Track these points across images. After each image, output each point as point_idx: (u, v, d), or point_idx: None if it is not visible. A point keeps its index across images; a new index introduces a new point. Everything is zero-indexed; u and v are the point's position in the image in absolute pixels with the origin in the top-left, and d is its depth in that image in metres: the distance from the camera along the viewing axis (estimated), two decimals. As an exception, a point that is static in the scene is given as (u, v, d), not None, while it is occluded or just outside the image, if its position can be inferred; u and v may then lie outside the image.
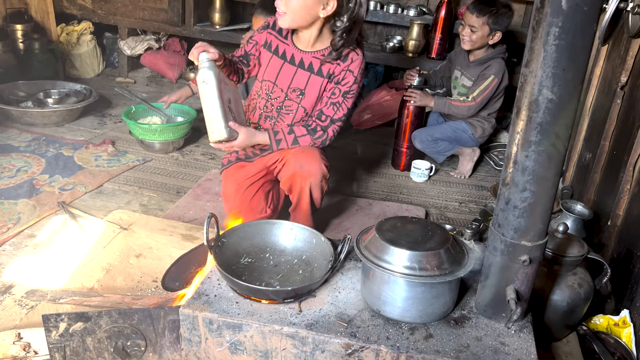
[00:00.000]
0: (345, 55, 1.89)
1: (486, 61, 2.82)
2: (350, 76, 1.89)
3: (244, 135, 1.80)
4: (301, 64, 1.93)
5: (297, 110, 1.97)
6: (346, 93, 1.91)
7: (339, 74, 1.90)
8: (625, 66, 1.98)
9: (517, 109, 1.08)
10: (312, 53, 1.91)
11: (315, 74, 1.92)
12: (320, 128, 1.91)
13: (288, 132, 1.90)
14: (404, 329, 1.25)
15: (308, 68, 1.92)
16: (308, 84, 1.93)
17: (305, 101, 1.95)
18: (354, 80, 1.90)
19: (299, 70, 1.94)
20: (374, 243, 1.27)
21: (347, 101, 1.92)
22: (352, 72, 1.89)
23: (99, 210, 2.25)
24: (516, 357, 1.18)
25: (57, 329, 1.30)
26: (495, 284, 1.25)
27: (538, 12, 0.99)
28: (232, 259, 1.43)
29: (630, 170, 1.76)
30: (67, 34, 3.91)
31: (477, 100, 2.78)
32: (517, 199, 1.14)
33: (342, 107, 1.92)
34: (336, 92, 1.91)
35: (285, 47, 1.96)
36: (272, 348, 1.26)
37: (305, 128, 1.92)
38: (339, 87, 1.91)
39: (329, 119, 1.92)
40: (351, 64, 1.88)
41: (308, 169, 1.87)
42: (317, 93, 1.94)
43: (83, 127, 3.13)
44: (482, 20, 2.70)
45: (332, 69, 1.90)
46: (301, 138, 1.90)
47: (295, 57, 1.94)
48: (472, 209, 2.62)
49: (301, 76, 1.94)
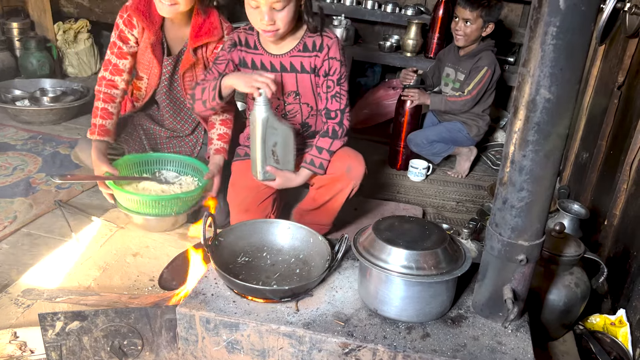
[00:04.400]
0: (320, 45, 1.85)
1: (477, 54, 2.84)
2: (335, 62, 1.86)
3: (280, 180, 1.85)
4: (283, 68, 1.90)
5: (302, 110, 1.97)
6: (339, 80, 1.89)
7: (322, 65, 1.87)
8: (622, 66, 1.99)
9: (515, 109, 1.08)
10: (288, 53, 1.88)
11: (301, 72, 1.90)
12: (338, 126, 1.90)
13: (319, 152, 1.89)
14: (401, 328, 1.25)
15: (291, 69, 1.89)
16: (298, 84, 1.92)
17: (303, 99, 1.95)
18: (340, 64, 1.87)
19: (284, 75, 1.91)
20: (371, 242, 1.27)
21: (343, 86, 1.90)
22: (334, 59, 1.86)
23: (95, 208, 2.24)
24: (513, 356, 1.18)
25: (54, 328, 1.30)
26: (492, 283, 1.25)
27: (536, 11, 0.99)
28: (229, 258, 1.43)
29: (627, 169, 1.76)
30: (64, 32, 3.90)
31: (473, 94, 2.80)
32: (514, 198, 1.14)
33: (342, 94, 1.90)
34: (330, 85, 1.89)
35: (260, 57, 1.90)
36: (269, 347, 1.26)
37: (327, 136, 1.90)
38: (330, 78, 1.88)
39: (338, 113, 1.90)
40: (329, 50, 1.85)
41: (355, 174, 1.89)
42: (310, 88, 1.92)
43: (80, 126, 3.12)
44: (476, 13, 2.75)
45: (313, 62, 1.87)
46: (331, 146, 1.90)
47: (274, 63, 1.90)
48: (469, 209, 2.62)
49: (289, 79, 1.91)
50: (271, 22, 1.72)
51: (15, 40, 3.66)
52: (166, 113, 2.26)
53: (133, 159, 2.15)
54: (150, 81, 2.18)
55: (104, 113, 2.06)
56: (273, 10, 1.71)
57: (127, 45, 2.08)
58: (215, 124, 2.17)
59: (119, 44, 2.08)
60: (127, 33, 2.07)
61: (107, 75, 2.09)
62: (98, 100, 2.08)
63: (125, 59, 2.09)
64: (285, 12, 1.72)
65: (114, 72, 2.09)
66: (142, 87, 2.22)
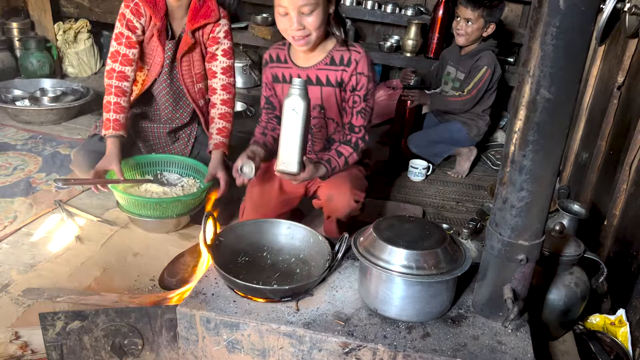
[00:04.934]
0: (348, 59, 1.83)
1: (477, 53, 2.84)
2: (362, 78, 1.84)
3: (308, 173, 1.70)
4: (309, 81, 1.87)
5: (327, 124, 1.95)
6: (365, 96, 1.86)
7: (350, 80, 1.84)
8: (622, 66, 1.99)
9: (515, 109, 1.08)
10: (315, 67, 1.86)
11: (326, 86, 1.87)
12: (362, 141, 1.88)
13: (337, 156, 1.85)
14: (401, 328, 1.25)
15: (317, 82, 1.87)
16: (323, 98, 1.89)
17: (328, 113, 1.92)
18: (368, 80, 1.85)
19: (310, 88, 1.85)
20: (371, 242, 1.27)
21: (369, 102, 1.87)
22: (362, 74, 1.83)
23: (96, 208, 2.24)
24: (513, 356, 1.19)
25: (54, 328, 1.30)
26: (492, 283, 1.25)
27: (536, 11, 1.00)
28: (229, 258, 1.43)
29: (627, 170, 1.76)
30: (64, 32, 3.90)
31: (473, 93, 2.80)
32: (514, 198, 1.14)
33: (367, 110, 1.88)
34: (357, 100, 1.86)
35: (289, 70, 1.90)
36: (270, 347, 1.26)
37: (349, 145, 1.87)
38: (357, 93, 1.85)
39: (362, 129, 1.88)
40: (357, 65, 1.82)
41: (335, 206, 1.86)
42: (335, 103, 1.90)
43: (80, 126, 3.12)
44: (478, 13, 2.74)
45: (339, 76, 1.85)
46: (350, 157, 1.86)
47: (301, 76, 1.87)
48: (469, 208, 2.62)
49: (315, 92, 1.88)
50: (300, 26, 1.71)
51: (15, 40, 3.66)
52: (166, 102, 2.25)
53: (134, 161, 2.16)
54: (152, 70, 2.17)
55: (117, 107, 2.05)
56: (302, 15, 1.70)
57: (135, 34, 2.08)
58: (214, 118, 2.18)
59: (127, 34, 2.06)
60: (135, 22, 2.07)
61: (117, 66, 2.06)
62: (110, 95, 2.06)
63: (135, 48, 2.09)
64: (314, 17, 1.71)
65: (124, 62, 2.07)
66: (139, 80, 2.22)
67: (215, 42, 2.16)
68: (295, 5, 1.68)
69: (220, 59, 2.19)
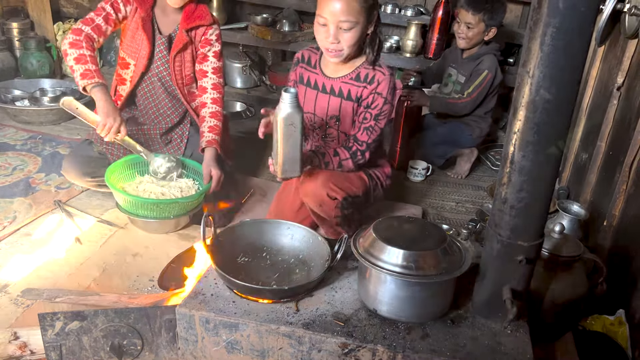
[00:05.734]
0: (372, 78, 1.85)
1: (479, 57, 2.83)
2: (379, 98, 1.85)
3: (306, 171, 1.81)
4: (332, 91, 1.91)
5: (339, 138, 1.98)
6: (377, 115, 1.87)
7: (367, 97, 1.86)
8: (621, 67, 1.99)
9: (514, 109, 1.08)
10: (340, 78, 1.89)
11: (346, 99, 1.90)
12: (360, 154, 1.89)
13: (334, 154, 1.87)
14: (400, 329, 1.25)
15: (338, 94, 1.90)
16: (341, 110, 1.92)
17: (342, 126, 1.95)
18: (384, 102, 1.86)
19: (331, 98, 1.92)
20: (371, 242, 1.27)
21: (379, 123, 1.88)
22: (380, 94, 1.85)
23: (95, 209, 2.24)
24: (512, 356, 1.18)
25: (53, 328, 1.30)
26: (491, 283, 1.25)
27: (535, 12, 1.00)
28: (229, 258, 1.43)
29: (626, 170, 1.77)
30: (64, 32, 3.90)
31: (473, 96, 2.79)
32: (513, 199, 1.14)
33: (375, 129, 1.88)
34: (367, 117, 1.87)
35: (315, 76, 1.94)
36: (269, 347, 1.26)
37: (348, 151, 1.88)
38: (370, 111, 1.87)
39: (365, 144, 1.89)
40: (378, 86, 1.84)
41: (305, 190, 1.88)
42: (351, 117, 1.92)
43: (79, 126, 3.11)
44: (478, 17, 2.73)
45: (360, 92, 1.87)
46: (345, 161, 1.88)
47: (325, 85, 1.92)
48: (469, 209, 2.62)
49: (334, 103, 1.92)
50: (335, 40, 1.75)
51: (15, 40, 3.66)
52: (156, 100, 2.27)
53: (130, 159, 2.17)
54: (138, 66, 2.19)
55: (92, 59, 2.05)
56: (339, 30, 1.73)
57: (116, 15, 2.12)
58: (205, 117, 2.22)
59: (109, 10, 2.10)
60: (120, 4, 2.11)
61: (87, 29, 2.07)
62: (80, 48, 2.03)
63: (109, 25, 2.13)
64: (351, 34, 1.75)
65: (95, 30, 2.09)
66: (127, 77, 2.24)
67: (207, 43, 2.23)
68: (336, 20, 1.72)
69: (211, 60, 2.26)
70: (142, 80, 2.24)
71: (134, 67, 2.20)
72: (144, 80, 2.24)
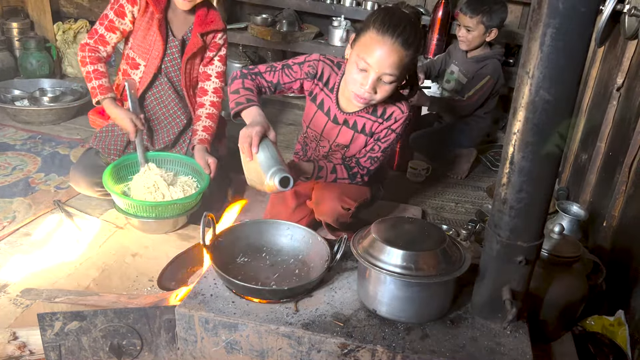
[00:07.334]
0: (390, 115, 1.79)
1: (483, 60, 2.83)
2: (392, 134, 1.82)
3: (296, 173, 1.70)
4: (345, 123, 1.84)
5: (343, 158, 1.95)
6: (385, 149, 1.85)
7: (381, 132, 1.82)
8: (621, 68, 1.99)
9: (514, 110, 1.08)
10: (356, 113, 1.82)
11: (359, 132, 1.84)
12: (360, 177, 1.87)
13: (331, 171, 1.83)
14: (400, 329, 1.25)
15: (352, 126, 1.84)
16: (352, 141, 1.87)
17: (349, 153, 1.91)
18: (396, 138, 1.84)
19: (344, 128, 1.86)
20: (370, 243, 1.27)
21: (386, 153, 1.87)
22: (394, 131, 1.81)
23: (94, 209, 2.24)
24: (512, 357, 1.18)
25: (53, 328, 1.30)
26: (491, 284, 1.25)
27: (535, 13, 1.00)
28: (228, 259, 1.43)
29: (626, 171, 1.77)
30: (64, 32, 3.90)
31: (473, 99, 2.80)
32: (513, 199, 1.14)
33: (380, 159, 1.87)
34: (375, 149, 1.85)
35: (329, 103, 1.84)
36: (268, 348, 1.26)
37: (347, 172, 1.85)
38: (379, 143, 1.84)
39: (366, 170, 1.87)
40: (394, 123, 1.79)
41: (322, 209, 1.87)
42: (360, 148, 1.88)
43: (79, 126, 3.12)
44: (477, 20, 2.73)
45: (375, 127, 1.82)
46: (341, 180, 1.85)
47: (338, 117, 1.84)
48: (468, 210, 2.62)
49: (346, 133, 1.86)
50: (372, 91, 1.62)
51: (15, 40, 3.66)
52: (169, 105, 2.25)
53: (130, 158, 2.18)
54: (149, 66, 2.18)
55: (96, 74, 2.11)
56: (379, 81, 1.61)
57: (120, 20, 2.11)
58: (201, 116, 2.26)
59: (112, 17, 2.11)
60: (125, 8, 2.10)
61: (92, 43, 2.13)
62: (85, 65, 2.12)
63: (114, 33, 2.13)
64: (390, 87, 1.63)
65: (99, 41, 2.14)
66: (135, 78, 2.23)
67: (216, 47, 2.27)
68: (380, 71, 1.58)
69: (217, 64, 2.30)
70: (152, 81, 2.22)
71: (144, 67, 2.19)
72: (157, 81, 2.23)
